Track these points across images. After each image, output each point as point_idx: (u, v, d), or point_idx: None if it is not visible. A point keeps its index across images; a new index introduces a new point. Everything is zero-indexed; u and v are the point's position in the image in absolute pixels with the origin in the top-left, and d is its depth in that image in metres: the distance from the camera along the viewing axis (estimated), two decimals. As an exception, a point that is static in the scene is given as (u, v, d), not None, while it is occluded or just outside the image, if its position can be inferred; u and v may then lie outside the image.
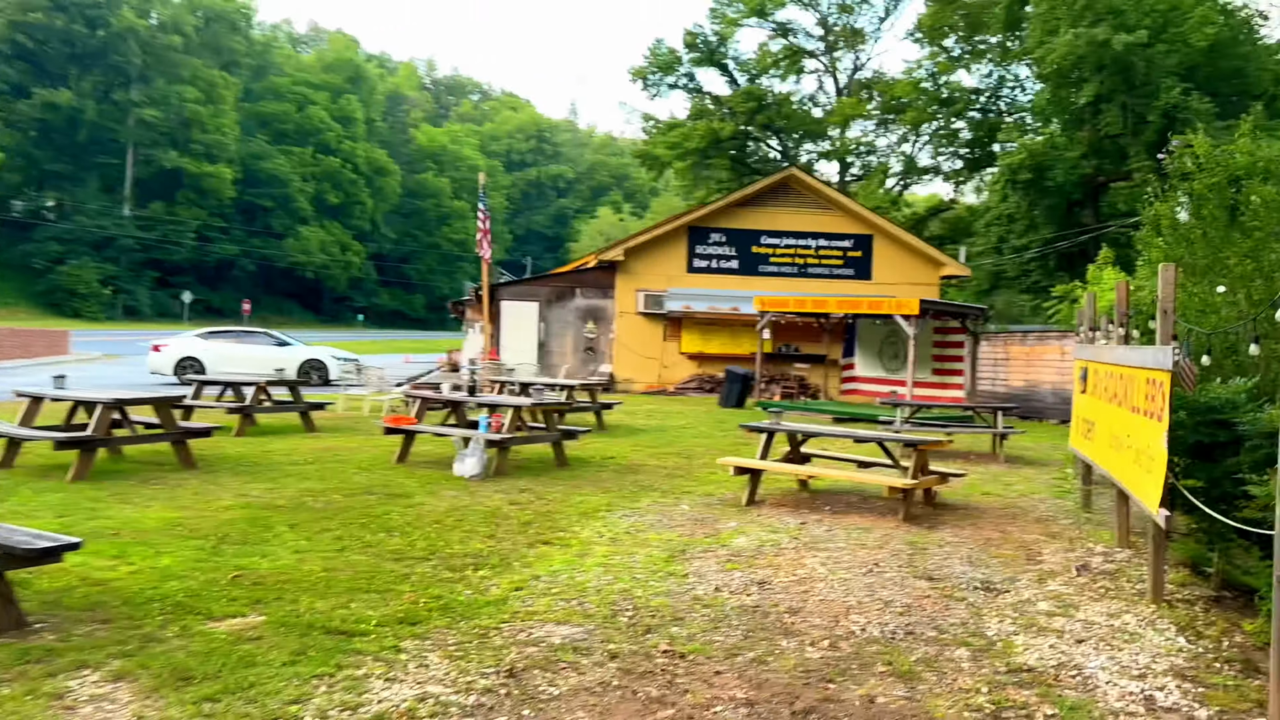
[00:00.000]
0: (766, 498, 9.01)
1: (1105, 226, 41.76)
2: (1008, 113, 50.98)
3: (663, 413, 17.73)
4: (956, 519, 8.36)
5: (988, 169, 53.71)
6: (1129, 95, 39.60)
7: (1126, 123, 39.80)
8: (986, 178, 56.00)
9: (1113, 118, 40.05)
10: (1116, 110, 39.93)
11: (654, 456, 11.64)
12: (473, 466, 9.29)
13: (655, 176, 63.61)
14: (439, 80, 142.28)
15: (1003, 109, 51.14)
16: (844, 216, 24.39)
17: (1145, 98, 38.94)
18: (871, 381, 20.87)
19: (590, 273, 24.72)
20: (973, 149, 51.67)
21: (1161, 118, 38.34)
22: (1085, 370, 8.94)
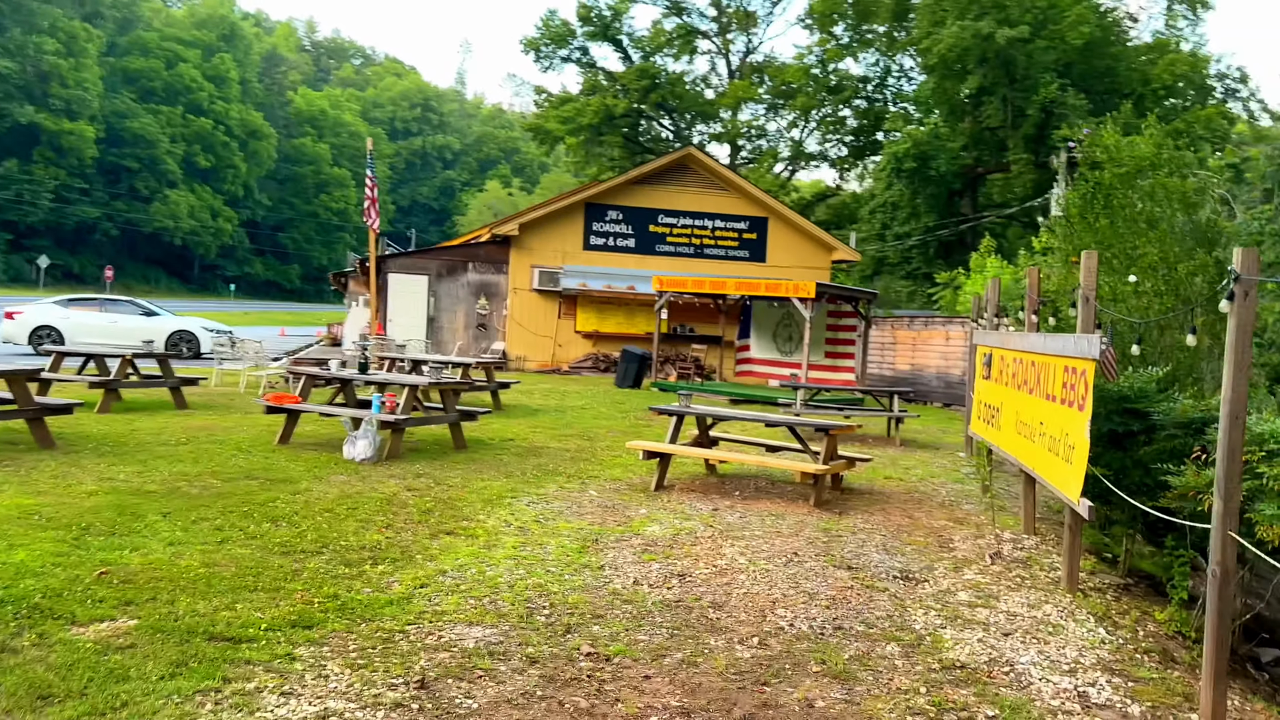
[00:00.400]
0: (675, 482, 8.76)
1: (982, 216, 43.23)
2: (893, 102, 52.12)
3: (560, 392, 17.33)
4: (865, 504, 8.28)
5: (872, 157, 54.93)
6: (1009, 89, 40.91)
7: (1006, 115, 41.13)
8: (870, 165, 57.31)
9: (993, 110, 41.35)
10: (997, 103, 41.22)
11: (555, 438, 11.26)
12: (364, 449, 8.73)
13: (546, 151, 62.77)
14: (319, 42, 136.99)
15: (888, 98, 52.26)
16: (740, 198, 24.36)
17: (1024, 92, 40.30)
18: (766, 363, 20.93)
19: (483, 247, 24.03)
20: (858, 137, 52.70)
21: (1040, 112, 39.78)
22: (989, 356, 8.98)
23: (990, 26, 37.83)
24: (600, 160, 53.41)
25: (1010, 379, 7.99)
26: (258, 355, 16.17)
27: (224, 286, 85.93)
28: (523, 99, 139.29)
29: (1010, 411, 7.94)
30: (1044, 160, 41.34)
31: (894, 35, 48.99)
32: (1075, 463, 5.88)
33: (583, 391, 17.87)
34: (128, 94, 77.39)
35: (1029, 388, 7.30)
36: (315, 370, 9.91)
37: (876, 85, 51.98)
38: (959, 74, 40.93)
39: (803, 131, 55.26)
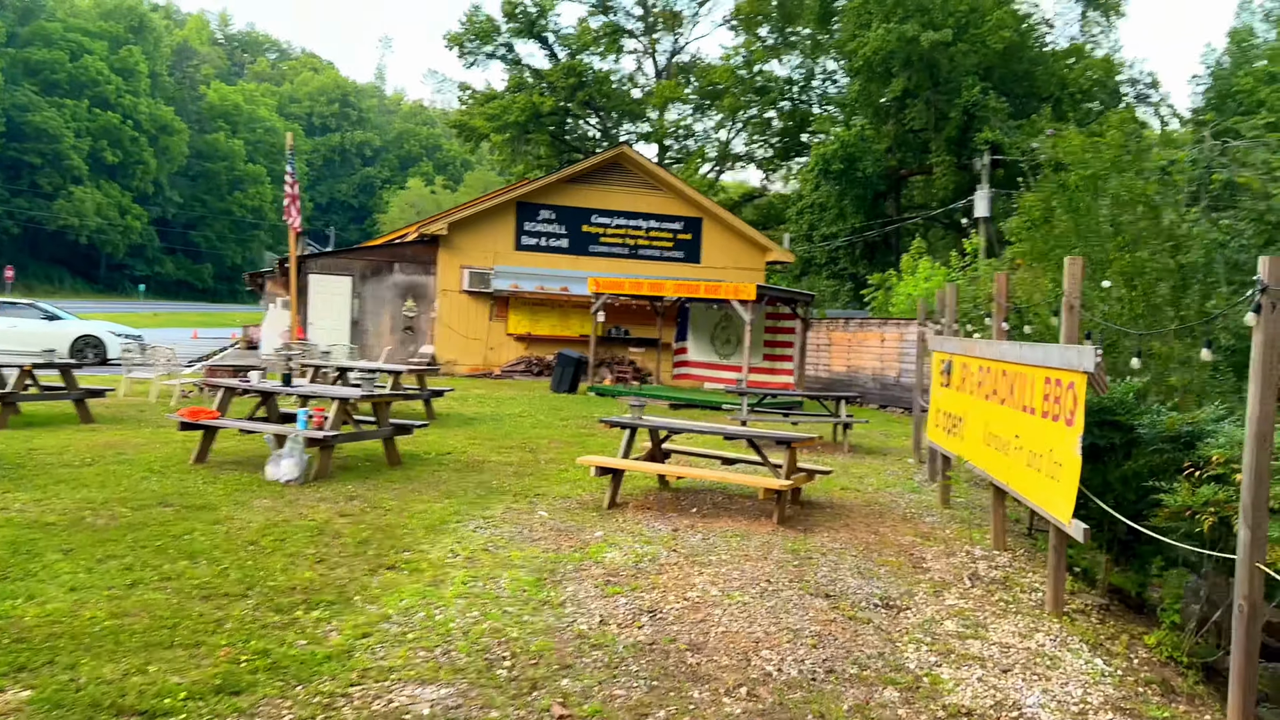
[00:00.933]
0: (628, 499, 8.27)
1: (908, 218, 43.71)
2: (818, 104, 52.42)
3: (494, 399, 16.69)
4: (828, 520, 7.91)
5: (798, 159, 55.20)
6: (933, 92, 41.35)
7: (930, 118, 41.57)
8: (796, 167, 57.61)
9: (917, 113, 41.75)
10: (921, 106, 41.62)
11: (495, 451, 10.67)
12: (290, 469, 8.04)
13: (471, 149, 61.69)
14: (233, 36, 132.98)
15: (813, 100, 52.54)
16: (674, 198, 23.98)
17: (947, 95, 40.77)
18: (704, 366, 20.59)
19: (410, 246, 23.20)
20: (784, 138, 52.83)
21: (962, 114, 40.29)
22: (949, 363, 8.71)
23: (915, 30, 38.16)
24: (527, 159, 52.66)
25: (976, 388, 7.70)
26: (169, 362, 15.19)
27: (133, 287, 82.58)
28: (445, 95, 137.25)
29: (976, 422, 7.65)
30: (966, 162, 41.93)
31: (818, 39, 49.24)
32: (1063, 480, 5.56)
33: (518, 397, 17.26)
34: (29, 86, 73.68)
35: (1000, 398, 7.00)
36: (234, 382, 9.15)
37: (802, 88, 52.19)
38: (884, 76, 41.24)
39: (730, 132, 55.29)
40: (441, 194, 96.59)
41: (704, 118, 56.60)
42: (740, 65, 50.88)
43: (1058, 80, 43.93)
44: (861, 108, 44.66)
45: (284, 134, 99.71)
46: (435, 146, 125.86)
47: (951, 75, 40.39)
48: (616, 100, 53.98)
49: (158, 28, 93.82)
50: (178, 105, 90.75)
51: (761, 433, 8.08)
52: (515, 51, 53.97)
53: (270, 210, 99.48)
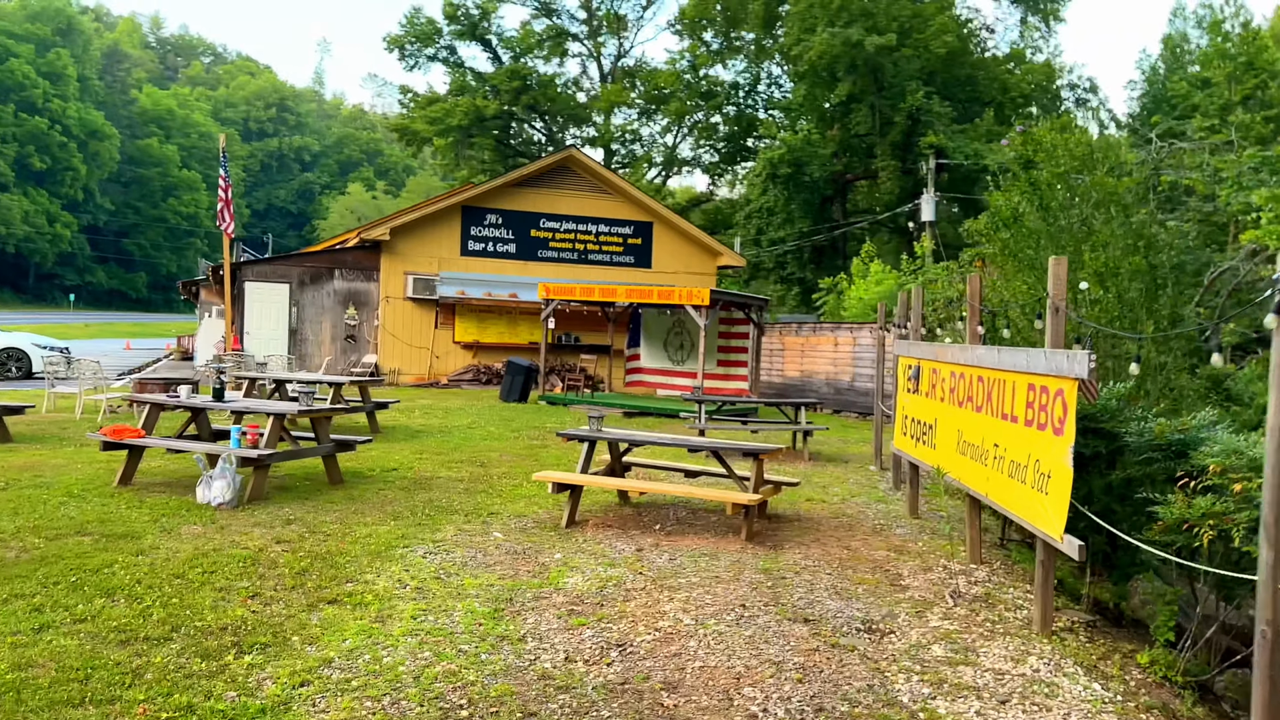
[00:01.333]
0: (588, 516, 7.83)
1: (855, 222, 43.85)
2: (764, 109, 52.49)
3: (441, 409, 16.12)
4: (797, 534, 7.56)
5: (744, 163, 55.28)
6: (877, 97, 41.55)
7: (874, 123, 41.76)
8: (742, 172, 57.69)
9: (862, 117, 41.90)
10: (866, 110, 41.79)
11: (444, 466, 10.15)
12: (222, 492, 7.47)
13: (414, 153, 60.70)
14: (165, 39, 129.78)
15: (759, 104, 52.59)
16: (624, 202, 23.60)
17: (891, 100, 41.00)
18: (657, 373, 20.21)
19: (351, 252, 22.49)
20: (730, 143, 52.78)
21: (906, 119, 40.54)
22: (917, 368, 8.42)
23: (859, 34, 38.29)
24: (470, 163, 51.95)
25: (948, 395, 7.41)
26: (96, 376, 14.39)
27: (63, 296, 79.97)
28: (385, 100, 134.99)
29: (949, 430, 7.36)
30: (911, 167, 42.21)
31: (763, 44, 49.31)
32: (1053, 493, 5.26)
33: (466, 407, 16.71)
34: (-52, 89, 71.07)
35: (975, 405, 6.71)
36: (161, 398, 8.53)
37: (747, 92, 52.20)
38: (828, 81, 41.37)
39: (676, 137, 55.11)
40: (383, 199, 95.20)
41: (650, 122, 56.40)
42: (686, 69, 50.73)
43: (999, 85, 44.47)
44: (807, 112, 44.81)
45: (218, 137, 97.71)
46: (376, 151, 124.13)
47: (896, 80, 40.64)
48: (561, 104, 53.46)
49: (87, 31, 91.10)
50: (108, 110, 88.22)
51: (726, 444, 7.70)
52: (457, 54, 53.27)
53: (206, 217, 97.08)
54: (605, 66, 57.38)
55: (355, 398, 13.04)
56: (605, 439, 7.74)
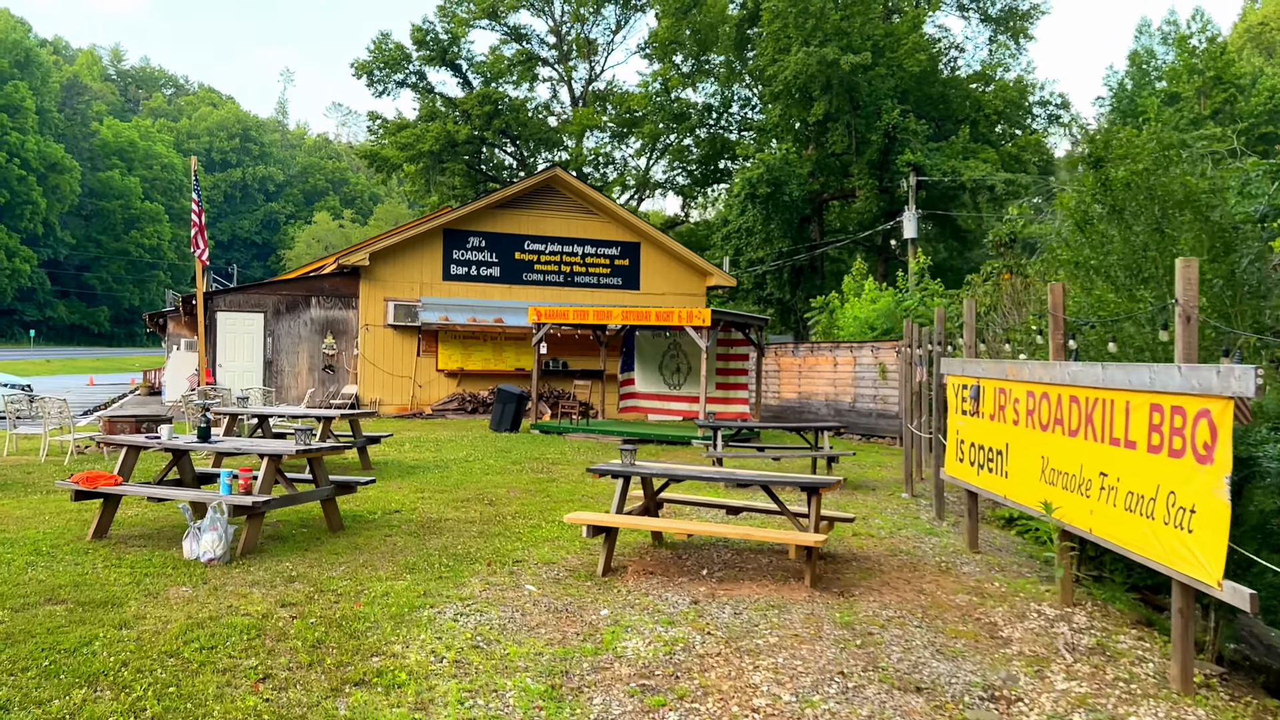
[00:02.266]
0: (622, 561, 7.01)
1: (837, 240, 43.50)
2: (736, 130, 52.21)
3: (432, 441, 15.20)
4: (859, 576, 6.78)
5: (717, 185, 54.91)
6: (853, 115, 41.32)
7: (851, 142, 41.51)
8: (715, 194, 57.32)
9: (838, 136, 41.65)
10: (842, 129, 41.54)
11: (450, 505, 9.28)
12: (212, 545, 6.57)
13: (384, 179, 59.76)
14: (126, 71, 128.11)
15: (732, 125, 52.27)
16: (611, 223, 22.88)
17: (867, 118, 40.81)
18: (652, 398, 19.42)
19: (328, 279, 21.55)
20: (703, 165, 52.37)
21: (882, 138, 40.34)
22: (975, 388, 7.71)
23: (835, 53, 38.04)
24: (441, 189, 51.18)
25: (1024, 417, 6.70)
26: (62, 415, 13.35)
27: (23, 332, 77.83)
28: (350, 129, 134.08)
29: (1027, 456, 6.64)
30: (887, 185, 41.96)
31: (733, 66, 49.07)
32: (1202, 531, 4.53)
33: (457, 439, 15.80)
34: (-100, 122, 69.18)
35: (1068, 429, 5.99)
36: (140, 440, 7.60)
37: (719, 114, 51.85)
38: (804, 101, 41.09)
39: (649, 160, 54.64)
40: (351, 228, 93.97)
41: (622, 145, 55.94)
42: (658, 92, 50.34)
43: (972, 103, 44.49)
44: (782, 132, 44.50)
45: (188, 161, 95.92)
46: (342, 180, 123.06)
47: (871, 99, 40.46)
48: (533, 128, 52.85)
49: (45, 63, 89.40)
50: (68, 142, 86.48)
51: (777, 477, 6.92)
52: (427, 79, 52.59)
53: (169, 249, 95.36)
54: (576, 90, 56.93)
55: (345, 432, 12.14)
56: (640, 474, 6.93)
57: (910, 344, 11.35)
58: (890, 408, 18.84)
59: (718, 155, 51.32)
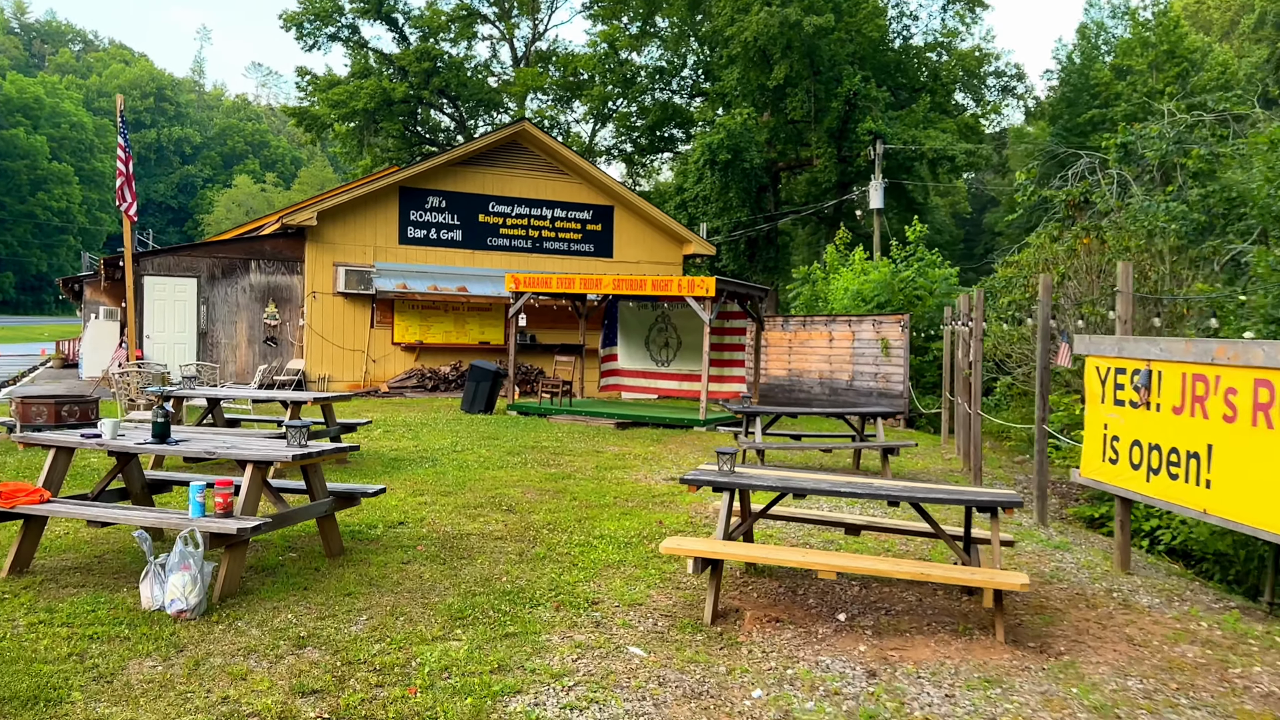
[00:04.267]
0: (729, 602, 5.37)
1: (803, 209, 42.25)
2: (688, 95, 50.50)
3: (402, 425, 13.30)
4: (1041, 622, 5.27)
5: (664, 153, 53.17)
6: (813, 80, 40.01)
7: (810, 108, 40.22)
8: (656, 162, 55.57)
9: (798, 102, 40.31)
10: (802, 95, 40.20)
11: (462, 514, 7.50)
12: (183, 591, 4.74)
13: (312, 139, 56.41)
14: (31, 25, 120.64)
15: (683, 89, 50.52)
16: (583, 184, 21.04)
17: (827, 84, 39.57)
18: (638, 375, 17.71)
19: (270, 240, 19.30)
20: (651, 133, 50.50)
21: (843, 104, 39.12)
22: (1145, 373, 6.23)
23: (797, 14, 36.56)
24: (374, 151, 48.45)
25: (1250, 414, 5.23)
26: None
27: (-84, 300, 72.54)
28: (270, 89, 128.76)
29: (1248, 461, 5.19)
30: (846, 154, 40.86)
31: (684, 29, 47.28)
32: None
33: (429, 421, 13.93)
34: None
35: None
36: (74, 439, 5.66)
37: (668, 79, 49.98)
38: (763, 64, 39.59)
39: (596, 125, 52.59)
40: (273, 192, 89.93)
41: (568, 109, 53.79)
42: (606, 53, 48.22)
43: (930, 72, 43.61)
44: (739, 97, 42.91)
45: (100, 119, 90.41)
46: (262, 143, 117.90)
47: (831, 64, 39.20)
48: (473, 89, 50.32)
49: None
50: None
51: (930, 490, 5.34)
52: (360, 34, 49.63)
53: (79, 212, 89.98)
54: (519, 50, 54.49)
55: (317, 419, 10.22)
56: (750, 486, 5.26)
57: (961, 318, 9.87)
58: (894, 386, 17.50)
59: (666, 122, 49.49)
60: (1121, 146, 17.56)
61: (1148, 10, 51.04)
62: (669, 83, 50.17)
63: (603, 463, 10.50)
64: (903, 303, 18.99)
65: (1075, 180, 19.13)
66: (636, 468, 10.28)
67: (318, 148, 76.29)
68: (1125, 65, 46.59)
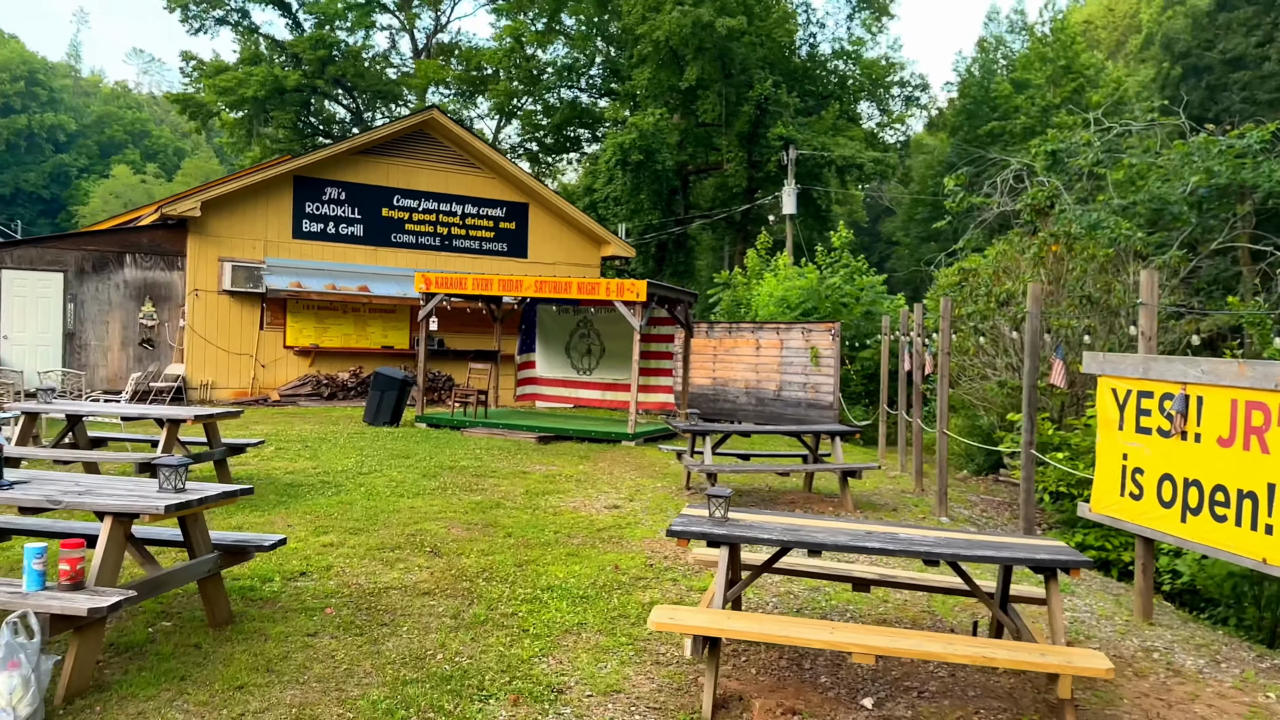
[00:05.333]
0: (731, 683, 4.34)
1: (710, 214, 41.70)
2: (596, 95, 49.50)
3: (298, 441, 11.84)
4: (1103, 708, 4.40)
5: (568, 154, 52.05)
6: (725, 84, 39.60)
7: (721, 112, 39.79)
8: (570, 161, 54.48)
9: (709, 105, 39.84)
10: (714, 98, 39.73)
11: (379, 559, 6.27)
12: (11, 698, 3.47)
13: (197, 128, 53.24)
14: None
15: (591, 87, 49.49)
16: (496, 179, 19.78)
17: (738, 88, 39.21)
18: (557, 384, 16.55)
19: (147, 232, 17.47)
20: (556, 132, 49.28)
21: (754, 109, 38.81)
22: (1181, 399, 5.46)
23: (710, 14, 35.99)
24: (264, 142, 45.95)
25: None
26: None
27: None
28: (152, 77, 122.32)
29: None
30: (756, 159, 40.58)
31: (592, 26, 46.33)
32: None
33: (328, 435, 12.51)
34: None
35: None
36: None
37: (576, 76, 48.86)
38: (674, 64, 38.94)
39: (500, 122, 51.10)
40: (154, 184, 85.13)
41: (471, 105, 52.17)
42: (512, 47, 46.78)
43: (838, 80, 43.69)
44: (650, 98, 42.11)
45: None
46: (143, 132, 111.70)
47: (743, 68, 38.83)
48: (370, 80, 48.27)
49: None
50: None
51: (965, 544, 4.41)
52: (251, 18, 47.08)
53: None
54: (420, 41, 52.58)
55: (200, 439, 8.80)
56: (752, 540, 4.24)
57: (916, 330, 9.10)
58: (824, 397, 16.80)
59: (573, 121, 48.32)
60: (1050, 154, 17.33)
61: (1045, 26, 52.40)
62: (577, 80, 49.06)
63: (532, 486, 9.36)
64: (829, 310, 18.35)
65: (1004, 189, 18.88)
66: (570, 492, 9.19)
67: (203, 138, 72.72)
68: (1024, 79, 47.58)
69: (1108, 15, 66.78)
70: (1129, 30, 64.90)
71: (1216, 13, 49.21)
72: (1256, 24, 48.02)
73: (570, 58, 48.46)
